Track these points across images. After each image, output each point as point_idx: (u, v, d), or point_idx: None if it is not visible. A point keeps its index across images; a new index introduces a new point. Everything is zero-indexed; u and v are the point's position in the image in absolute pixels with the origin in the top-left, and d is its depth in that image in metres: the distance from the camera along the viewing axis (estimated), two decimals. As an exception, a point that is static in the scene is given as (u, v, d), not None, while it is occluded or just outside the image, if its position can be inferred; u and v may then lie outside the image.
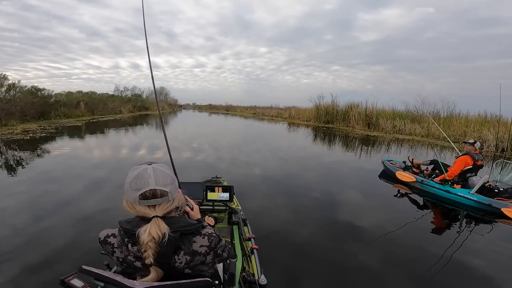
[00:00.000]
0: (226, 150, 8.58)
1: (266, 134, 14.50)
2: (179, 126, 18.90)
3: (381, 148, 9.98)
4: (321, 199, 4.33)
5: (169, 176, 0.93)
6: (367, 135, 13.81)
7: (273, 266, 2.38)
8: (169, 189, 0.90)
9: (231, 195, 2.42)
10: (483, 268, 2.56)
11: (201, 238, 0.94)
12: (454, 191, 4.35)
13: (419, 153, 9.07)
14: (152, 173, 0.89)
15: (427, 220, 3.73)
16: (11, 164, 5.85)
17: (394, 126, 15.13)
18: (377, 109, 17.22)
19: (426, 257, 2.71)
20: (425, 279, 2.37)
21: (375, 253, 2.73)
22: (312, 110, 22.50)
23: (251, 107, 44.16)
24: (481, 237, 3.29)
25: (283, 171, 6.06)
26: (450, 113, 15.33)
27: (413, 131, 13.99)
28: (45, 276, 2.15)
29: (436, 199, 4.51)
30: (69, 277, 0.94)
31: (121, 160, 6.65)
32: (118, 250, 0.90)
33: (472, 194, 4.13)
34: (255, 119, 27.20)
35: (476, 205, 4.08)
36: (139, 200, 0.87)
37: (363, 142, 11.34)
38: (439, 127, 8.35)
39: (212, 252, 0.96)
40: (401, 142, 11.67)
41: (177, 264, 0.89)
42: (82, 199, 3.90)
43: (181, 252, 0.89)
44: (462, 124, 13.35)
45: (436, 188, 4.59)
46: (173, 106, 59.01)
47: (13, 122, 12.90)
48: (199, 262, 0.93)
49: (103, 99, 26.23)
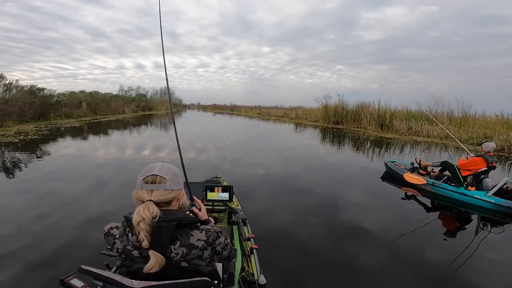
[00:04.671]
0: (229, 150, 8.63)
1: (272, 135, 14.51)
2: (184, 126, 19.08)
3: (400, 151, 9.64)
4: (328, 201, 4.32)
5: (174, 171, 1.04)
6: (381, 137, 13.46)
7: (272, 266, 2.39)
8: (168, 178, 0.99)
9: (231, 195, 2.48)
10: (504, 270, 2.55)
11: (198, 232, 0.98)
12: (470, 193, 4.30)
13: (427, 154, 8.93)
14: (160, 165, 1.02)
15: (439, 223, 3.69)
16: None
17: (409, 128, 14.70)
18: (390, 109, 16.96)
19: (438, 259, 2.66)
20: (439, 283, 2.33)
21: (381, 256, 2.70)
22: (320, 110, 22.43)
23: (256, 107, 44.42)
24: (499, 239, 3.28)
25: (302, 177, 5.92)
26: (465, 114, 15.05)
27: (431, 133, 13.50)
28: (45, 275, 2.20)
29: (448, 202, 4.46)
30: (68, 277, 0.97)
31: (117, 173, 5.50)
32: (119, 241, 0.96)
33: (489, 196, 4.11)
34: (260, 120, 27.30)
35: (494, 207, 4.05)
36: (142, 184, 0.97)
37: (379, 145, 10.86)
38: (449, 128, 8.17)
39: (209, 248, 0.99)
40: (418, 144, 11.24)
41: (173, 255, 0.93)
42: (55, 219, 3.26)
43: (177, 242, 0.93)
44: (482, 126, 13.06)
45: (450, 190, 4.53)
46: (178, 106, 60.07)
47: (9, 123, 12.94)
48: (195, 256, 0.96)
49: (105, 99, 26.71)
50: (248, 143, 10.65)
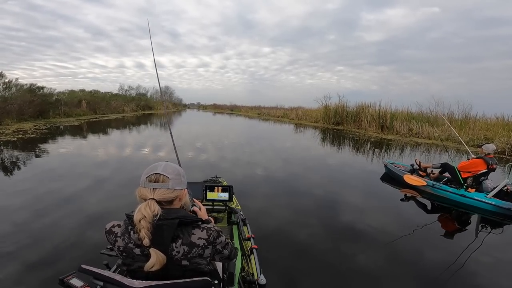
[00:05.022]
0: (229, 150, 8.64)
1: (272, 135, 14.50)
2: (183, 125, 19.10)
3: (400, 152, 9.64)
4: (327, 202, 4.33)
5: (177, 171, 1.05)
6: (381, 138, 13.42)
7: (272, 266, 2.40)
8: (172, 177, 1.00)
9: (231, 195, 2.48)
10: (504, 272, 2.55)
11: (200, 231, 0.99)
12: (470, 195, 4.32)
13: (427, 156, 8.92)
14: (164, 164, 1.04)
15: (438, 224, 3.70)
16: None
17: (410, 129, 14.71)
18: (391, 110, 16.94)
19: (437, 260, 2.67)
20: (438, 285, 2.34)
21: (380, 257, 2.71)
22: (320, 111, 22.42)
23: (256, 107, 44.35)
24: (499, 241, 3.31)
25: (301, 179, 5.98)
26: (465, 115, 15.07)
27: (432, 135, 13.53)
28: (44, 274, 2.20)
29: (448, 204, 4.46)
30: (68, 277, 0.97)
31: (114, 172, 5.41)
32: (120, 239, 0.96)
33: (490, 198, 4.13)
34: (260, 120, 27.27)
35: (494, 209, 4.07)
36: (145, 182, 0.99)
37: (379, 146, 10.81)
38: (454, 129, 8.18)
39: (210, 246, 1.00)
40: (419, 146, 11.24)
41: (174, 253, 0.93)
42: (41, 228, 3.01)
43: (179, 240, 0.94)
44: (482, 128, 13.07)
45: (450, 192, 4.54)
46: (178, 105, 59.83)
47: (8, 121, 12.89)
48: (197, 254, 0.97)
49: (105, 98, 26.68)
50: (248, 143, 10.65)
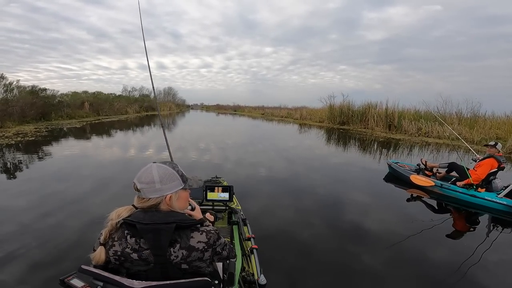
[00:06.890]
0: (232, 150, 8.65)
1: (276, 135, 14.49)
2: (186, 126, 19.21)
3: (408, 152, 9.54)
4: (331, 202, 4.31)
5: (151, 178, 0.98)
6: (389, 138, 13.23)
7: (273, 266, 2.39)
8: (142, 187, 0.98)
9: (231, 195, 2.50)
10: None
11: (199, 234, 0.98)
12: (481, 195, 4.26)
13: (433, 156, 8.82)
14: (141, 171, 1.01)
15: (447, 225, 3.64)
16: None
17: (419, 128, 14.47)
18: (399, 109, 16.66)
19: (447, 261, 2.63)
20: (448, 285, 2.29)
21: (385, 258, 2.67)
22: (325, 111, 22.31)
23: (259, 107, 44.40)
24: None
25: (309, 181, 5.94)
26: (474, 114, 14.84)
27: (442, 134, 13.22)
28: (46, 274, 2.22)
29: (458, 204, 4.40)
30: (68, 277, 0.97)
31: (116, 174, 5.39)
32: (117, 243, 0.95)
33: (501, 198, 4.08)
34: (264, 120, 27.28)
35: (506, 209, 4.03)
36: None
37: (387, 146, 10.66)
38: (464, 128, 8.05)
39: (210, 249, 0.99)
40: (429, 146, 11.03)
41: (172, 257, 0.93)
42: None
43: (177, 245, 0.93)
44: (493, 126, 12.87)
45: (459, 192, 4.47)
46: (181, 106, 60.09)
47: (9, 123, 12.73)
48: (196, 258, 0.96)
49: (108, 100, 26.92)
50: (251, 143, 10.65)
